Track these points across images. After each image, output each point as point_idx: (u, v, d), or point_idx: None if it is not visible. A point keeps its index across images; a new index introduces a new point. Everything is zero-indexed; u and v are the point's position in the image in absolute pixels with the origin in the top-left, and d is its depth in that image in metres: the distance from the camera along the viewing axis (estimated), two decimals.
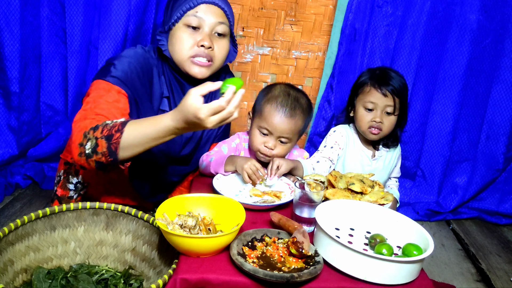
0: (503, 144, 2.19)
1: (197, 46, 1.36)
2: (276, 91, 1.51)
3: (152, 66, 1.43)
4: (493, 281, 1.77)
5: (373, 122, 1.65)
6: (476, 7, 1.99)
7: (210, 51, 1.38)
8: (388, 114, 1.66)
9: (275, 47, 2.20)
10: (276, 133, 1.48)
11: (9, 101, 1.92)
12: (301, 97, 1.52)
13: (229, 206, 1.18)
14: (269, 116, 1.47)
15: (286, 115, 1.46)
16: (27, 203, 1.91)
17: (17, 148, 1.99)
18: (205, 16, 1.36)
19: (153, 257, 1.19)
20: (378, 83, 1.64)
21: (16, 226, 1.08)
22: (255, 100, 1.58)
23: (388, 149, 1.79)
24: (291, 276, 0.96)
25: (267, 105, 1.48)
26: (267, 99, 1.50)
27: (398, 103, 1.65)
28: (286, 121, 1.47)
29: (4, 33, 1.80)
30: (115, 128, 1.11)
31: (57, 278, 1.12)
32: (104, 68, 1.35)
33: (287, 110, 1.46)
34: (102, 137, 1.11)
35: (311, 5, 2.13)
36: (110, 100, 1.25)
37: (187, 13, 1.35)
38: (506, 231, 2.22)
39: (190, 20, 1.35)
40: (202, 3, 1.35)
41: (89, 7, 1.88)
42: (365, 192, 1.39)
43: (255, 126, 1.53)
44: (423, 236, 1.14)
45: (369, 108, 1.66)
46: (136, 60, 1.38)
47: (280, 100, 1.47)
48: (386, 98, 1.63)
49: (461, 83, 2.10)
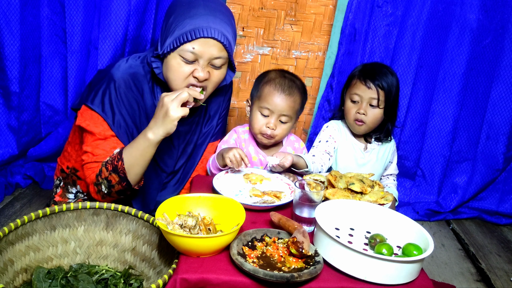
0: (503, 144, 2.19)
1: (192, 76, 1.31)
2: (272, 74, 1.59)
3: (143, 84, 1.39)
4: (493, 281, 1.77)
5: (357, 114, 1.70)
6: (476, 7, 1.99)
7: (205, 82, 1.34)
8: (372, 106, 1.69)
9: (275, 47, 2.20)
10: (277, 112, 1.55)
11: (9, 101, 1.92)
12: (296, 79, 1.61)
13: (229, 206, 1.18)
14: (269, 96, 1.54)
15: (285, 93, 1.54)
16: (27, 203, 1.91)
17: (17, 148, 1.99)
18: (202, 51, 1.27)
19: (153, 257, 1.19)
20: (364, 76, 1.69)
21: (16, 226, 1.08)
22: (253, 87, 1.63)
23: (380, 143, 1.81)
24: (291, 276, 0.96)
25: (266, 87, 1.56)
26: (264, 82, 1.57)
27: (383, 96, 1.68)
28: (285, 98, 1.54)
29: (4, 33, 1.80)
30: (115, 160, 1.26)
31: (57, 278, 1.12)
32: (94, 96, 1.33)
33: (286, 88, 1.54)
34: (110, 173, 1.26)
35: (311, 5, 2.13)
36: (108, 149, 1.32)
37: (183, 45, 1.27)
38: (506, 231, 2.22)
39: (185, 54, 1.28)
40: (200, 37, 1.26)
41: (89, 7, 1.88)
42: (365, 192, 1.39)
43: (255, 108, 1.59)
44: (423, 236, 1.14)
45: (354, 100, 1.71)
46: (124, 83, 1.34)
47: (278, 80, 1.56)
48: (370, 90, 1.67)
49: (461, 83, 2.10)
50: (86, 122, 1.33)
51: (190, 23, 1.26)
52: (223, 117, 1.67)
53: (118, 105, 1.33)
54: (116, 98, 1.33)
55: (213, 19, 1.28)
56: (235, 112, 2.32)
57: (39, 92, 2.02)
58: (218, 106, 1.61)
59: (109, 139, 1.33)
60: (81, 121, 1.34)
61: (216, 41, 1.28)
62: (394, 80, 1.71)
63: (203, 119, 1.57)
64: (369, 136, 1.80)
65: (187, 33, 1.26)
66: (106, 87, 1.33)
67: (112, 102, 1.32)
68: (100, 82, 1.35)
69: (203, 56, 1.29)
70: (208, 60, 1.31)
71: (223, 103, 1.63)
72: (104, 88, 1.33)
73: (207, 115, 1.58)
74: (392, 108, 1.73)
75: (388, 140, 1.82)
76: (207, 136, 1.61)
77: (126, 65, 1.37)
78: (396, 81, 1.72)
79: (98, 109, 1.31)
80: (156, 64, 1.35)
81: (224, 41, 1.29)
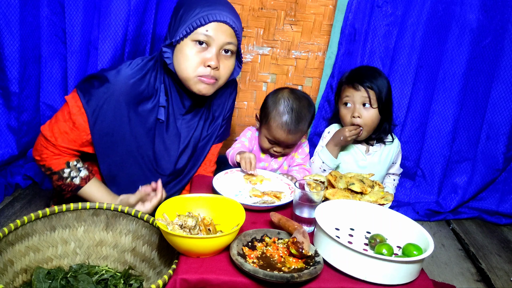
0: (503, 144, 2.19)
1: (203, 66, 1.33)
2: (281, 107, 1.59)
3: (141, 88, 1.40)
4: (493, 281, 1.77)
5: (352, 118, 1.72)
6: (476, 7, 1.99)
7: (216, 71, 1.35)
8: (365, 108, 1.71)
9: (275, 47, 2.20)
10: (283, 144, 1.64)
11: (9, 101, 1.92)
12: (304, 108, 1.61)
13: (229, 206, 1.18)
14: (275, 132, 1.60)
15: (291, 132, 1.59)
16: (27, 203, 1.91)
17: (17, 148, 1.99)
18: (215, 35, 1.30)
19: (153, 257, 1.19)
20: (351, 80, 1.73)
21: (16, 226, 1.08)
22: (262, 104, 1.67)
23: (383, 145, 1.81)
24: (291, 276, 0.96)
25: (273, 121, 1.60)
26: (272, 115, 1.60)
27: (374, 96, 1.69)
28: (290, 137, 1.60)
29: (4, 33, 1.80)
30: (68, 189, 1.40)
31: (57, 279, 1.12)
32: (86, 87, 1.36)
33: (292, 127, 1.58)
34: (56, 186, 1.41)
35: (311, 5, 2.13)
36: (71, 144, 1.39)
37: (196, 29, 1.29)
38: (506, 231, 2.22)
39: (199, 37, 1.30)
40: (213, 21, 1.29)
41: (88, 7, 1.87)
42: (365, 192, 1.39)
43: (262, 133, 1.67)
44: (423, 236, 1.14)
45: (347, 103, 1.73)
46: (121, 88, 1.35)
47: (284, 118, 1.58)
48: (359, 91, 1.70)
49: (461, 83, 2.10)
50: (70, 101, 1.36)
51: (202, 10, 1.30)
52: (227, 119, 1.66)
53: (104, 107, 1.34)
54: (107, 102, 1.33)
55: (223, 7, 1.33)
56: (235, 113, 2.32)
57: (39, 92, 2.02)
58: (223, 107, 1.61)
59: (77, 129, 1.36)
60: (68, 98, 1.37)
61: (228, 26, 1.32)
62: (384, 79, 1.73)
63: (206, 120, 1.56)
64: (370, 138, 1.80)
65: (199, 18, 1.29)
66: (101, 86, 1.33)
67: (100, 103, 1.33)
68: (98, 80, 1.35)
69: (216, 40, 1.31)
70: (220, 46, 1.33)
71: (227, 104, 1.62)
72: (100, 88, 1.33)
73: (210, 116, 1.58)
74: (387, 106, 1.73)
75: (390, 141, 1.82)
76: (210, 138, 1.60)
77: (128, 71, 1.37)
78: (386, 81, 1.74)
79: (83, 101, 1.33)
80: (167, 54, 1.36)
81: (235, 27, 1.34)
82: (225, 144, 2.39)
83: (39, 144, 1.40)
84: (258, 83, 2.26)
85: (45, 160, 1.39)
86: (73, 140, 1.37)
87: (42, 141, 1.39)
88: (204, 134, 1.57)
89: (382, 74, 1.75)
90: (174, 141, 1.48)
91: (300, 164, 1.74)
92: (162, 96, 1.42)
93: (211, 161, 1.65)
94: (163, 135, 1.45)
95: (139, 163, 1.44)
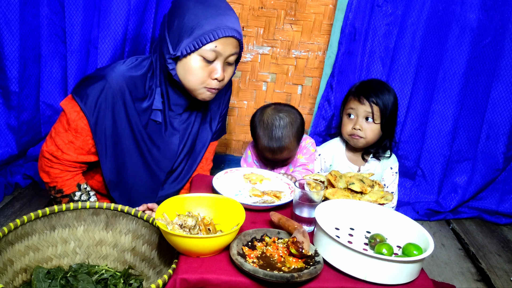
0: (503, 144, 2.19)
1: (210, 78, 1.33)
2: (261, 131, 1.62)
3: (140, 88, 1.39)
4: (493, 280, 1.77)
5: (353, 129, 1.71)
6: (476, 6, 1.99)
7: (221, 82, 1.36)
8: (368, 122, 1.70)
9: (275, 47, 2.20)
10: (274, 161, 1.70)
11: (9, 101, 1.92)
12: (288, 126, 1.61)
13: (229, 206, 1.18)
14: (264, 153, 1.66)
15: (276, 154, 1.63)
16: (27, 202, 1.91)
17: (16, 147, 1.98)
18: (223, 49, 1.30)
19: (153, 257, 1.19)
20: (358, 92, 1.71)
21: (16, 226, 1.08)
22: (250, 124, 1.70)
23: (379, 161, 1.80)
24: (291, 276, 0.96)
25: (259, 143, 1.64)
26: (256, 138, 1.65)
27: (378, 111, 1.68)
28: (278, 156, 1.64)
29: (3, 33, 1.80)
30: (63, 200, 1.40)
31: (56, 278, 1.11)
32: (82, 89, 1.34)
33: (276, 149, 1.61)
34: (55, 197, 1.41)
35: (311, 5, 2.12)
36: (76, 153, 1.37)
37: (205, 45, 1.27)
38: (506, 231, 2.22)
39: (207, 54, 1.28)
40: (223, 37, 1.28)
41: (88, 7, 1.87)
42: (365, 192, 1.38)
43: (254, 151, 1.77)
44: (423, 236, 1.14)
45: (350, 114, 1.73)
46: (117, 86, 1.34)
47: (266, 142, 1.61)
48: (363, 105, 1.69)
49: (461, 82, 2.10)
50: (67, 106, 1.35)
51: (209, 23, 1.27)
52: (223, 117, 1.68)
53: (102, 105, 1.33)
54: (104, 98, 1.32)
55: (228, 17, 1.31)
56: (235, 112, 2.32)
57: (38, 91, 2.01)
58: (219, 106, 1.62)
59: (81, 134, 1.35)
60: (64, 104, 1.35)
61: (234, 39, 1.31)
62: (391, 96, 1.70)
63: (203, 118, 1.57)
64: (366, 153, 1.79)
65: (208, 34, 1.27)
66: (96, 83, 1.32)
67: (98, 101, 1.32)
68: (93, 79, 1.34)
69: (223, 54, 1.31)
70: (226, 58, 1.33)
71: (223, 103, 1.64)
72: (95, 84, 1.32)
73: (207, 114, 1.58)
74: (390, 123, 1.72)
75: (387, 157, 1.81)
76: (208, 136, 1.61)
77: (123, 67, 1.36)
78: (394, 97, 1.71)
79: (81, 104, 1.31)
80: (172, 66, 1.34)
81: (240, 38, 1.34)
82: (224, 143, 2.40)
83: (43, 165, 1.37)
84: (258, 82, 2.26)
85: (56, 180, 1.37)
86: (80, 147, 1.35)
87: (45, 162, 1.37)
88: (202, 132, 1.57)
89: (390, 90, 1.72)
90: (172, 140, 1.48)
91: (303, 164, 1.74)
92: (157, 99, 1.41)
93: (207, 159, 1.66)
94: (161, 135, 1.45)
95: (140, 162, 1.44)
